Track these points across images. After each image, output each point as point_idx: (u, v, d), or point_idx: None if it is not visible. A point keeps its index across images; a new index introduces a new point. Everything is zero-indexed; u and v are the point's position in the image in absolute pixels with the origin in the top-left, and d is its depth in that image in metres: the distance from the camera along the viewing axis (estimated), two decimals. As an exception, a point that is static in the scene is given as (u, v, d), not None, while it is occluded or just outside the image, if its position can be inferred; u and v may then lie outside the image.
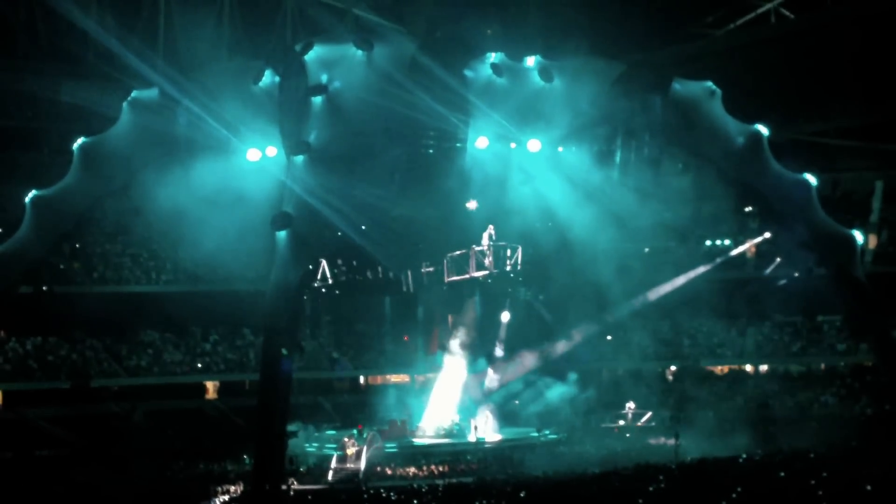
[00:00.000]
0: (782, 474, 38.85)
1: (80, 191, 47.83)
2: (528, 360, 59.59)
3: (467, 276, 53.92)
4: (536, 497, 36.74)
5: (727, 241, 63.78)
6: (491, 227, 53.93)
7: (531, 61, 48.42)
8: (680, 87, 48.86)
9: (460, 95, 46.84)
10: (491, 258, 53.79)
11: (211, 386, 63.04)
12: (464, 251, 54.00)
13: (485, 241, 53.86)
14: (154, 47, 55.06)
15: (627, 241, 59.60)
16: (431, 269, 54.32)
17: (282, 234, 43.82)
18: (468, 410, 56.15)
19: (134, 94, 48.00)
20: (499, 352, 59.04)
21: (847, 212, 62.34)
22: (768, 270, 61.83)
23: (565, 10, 53.46)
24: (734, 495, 34.95)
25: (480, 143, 47.69)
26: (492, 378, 59.01)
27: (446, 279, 54.20)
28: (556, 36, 50.00)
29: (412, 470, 48.05)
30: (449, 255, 53.90)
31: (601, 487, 38.17)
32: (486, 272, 53.72)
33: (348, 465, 48.13)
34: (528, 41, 50.14)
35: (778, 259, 62.31)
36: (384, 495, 38.25)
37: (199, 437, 55.20)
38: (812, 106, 63.44)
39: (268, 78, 46.97)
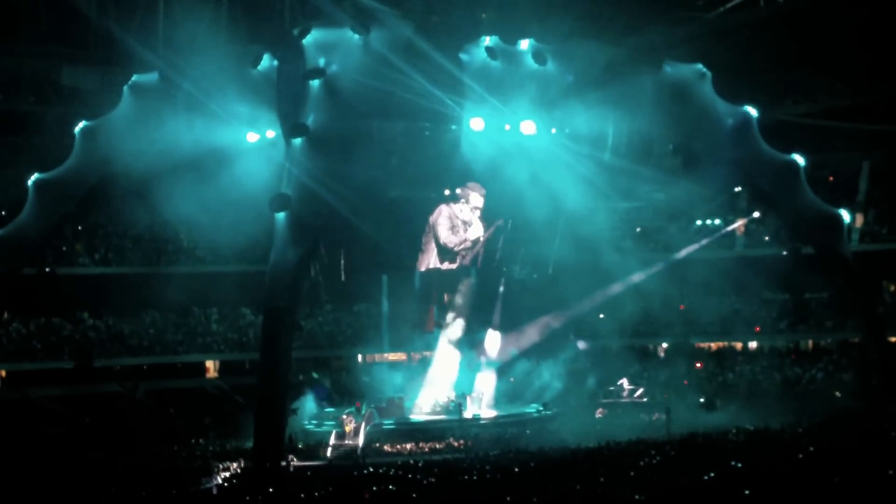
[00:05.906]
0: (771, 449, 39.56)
1: (82, 173, 48.37)
2: (524, 337, 60.06)
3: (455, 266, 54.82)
4: (531, 472, 37.27)
5: (717, 221, 64.62)
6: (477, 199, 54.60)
7: (525, 44, 49.03)
8: (671, 69, 49.51)
9: (456, 78, 47.45)
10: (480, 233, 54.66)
11: (211, 365, 63.62)
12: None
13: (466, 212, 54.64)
14: (154, 32, 55.39)
15: (619, 221, 60.35)
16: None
17: (280, 216, 44.54)
18: (464, 387, 56.62)
19: (134, 78, 48.56)
20: (494, 329, 59.41)
21: (834, 191, 63.05)
22: (757, 249, 62.62)
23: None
24: (724, 469, 35.65)
25: (476, 124, 48.27)
26: (487, 355, 59.42)
27: (426, 266, 54.99)
28: (550, 19, 50.39)
29: (409, 446, 48.67)
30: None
31: (594, 462, 38.81)
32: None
33: (347, 442, 48.59)
34: (522, 25, 50.54)
35: (766, 238, 63.24)
36: (382, 471, 38.82)
37: (200, 415, 55.91)
38: (800, 88, 64.11)
39: (266, 62, 47.48)
